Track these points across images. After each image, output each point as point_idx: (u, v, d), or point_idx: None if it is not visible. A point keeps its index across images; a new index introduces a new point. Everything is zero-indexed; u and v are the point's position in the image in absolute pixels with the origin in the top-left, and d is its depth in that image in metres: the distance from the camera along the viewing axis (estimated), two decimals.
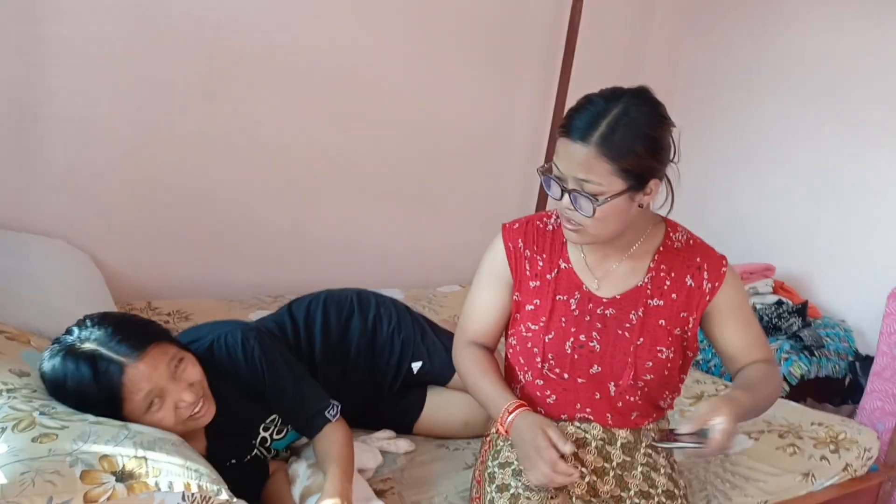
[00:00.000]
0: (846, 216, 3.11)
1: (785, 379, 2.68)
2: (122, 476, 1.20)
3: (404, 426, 1.97)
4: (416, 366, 1.97)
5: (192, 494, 1.26)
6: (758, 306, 2.94)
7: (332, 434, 1.62)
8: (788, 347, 2.73)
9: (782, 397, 2.61)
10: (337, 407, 1.66)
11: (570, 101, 3.29)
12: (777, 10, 3.36)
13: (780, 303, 2.95)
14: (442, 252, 3.17)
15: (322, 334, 1.90)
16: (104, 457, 1.21)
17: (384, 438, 1.90)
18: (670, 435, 1.39)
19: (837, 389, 2.94)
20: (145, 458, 1.25)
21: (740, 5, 3.52)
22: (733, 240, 3.47)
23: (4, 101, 2.27)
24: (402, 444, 1.89)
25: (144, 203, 2.58)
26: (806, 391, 2.83)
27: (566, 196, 1.39)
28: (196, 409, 1.48)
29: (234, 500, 1.34)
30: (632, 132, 1.33)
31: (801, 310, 2.89)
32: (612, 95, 1.37)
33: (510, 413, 1.49)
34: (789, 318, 2.83)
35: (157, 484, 1.23)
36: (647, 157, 1.35)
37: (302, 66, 2.76)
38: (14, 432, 1.21)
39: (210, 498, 1.29)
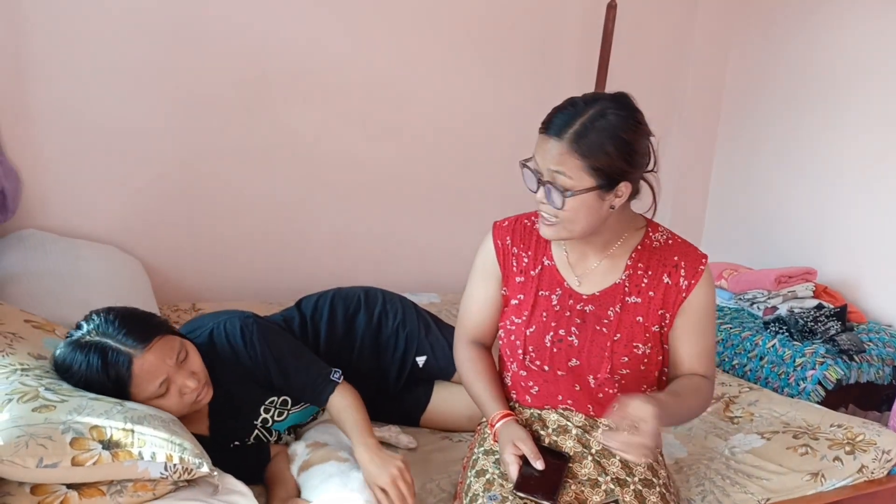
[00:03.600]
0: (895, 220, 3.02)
1: (820, 383, 2.62)
2: (109, 445, 1.33)
3: (411, 419, 2.06)
4: (420, 360, 2.05)
5: (174, 465, 1.39)
6: (795, 310, 2.88)
7: (343, 397, 1.72)
8: (824, 351, 2.67)
9: (817, 402, 2.57)
10: (339, 372, 1.76)
11: None
12: (824, 10, 3.30)
13: (819, 306, 2.89)
14: None
15: (328, 328, 2.01)
16: (94, 427, 1.35)
17: (387, 432, 1.98)
18: (529, 481, 1.47)
19: (885, 396, 2.84)
20: (132, 431, 1.38)
21: (786, 6, 3.47)
22: (780, 244, 3.42)
23: (61, 118, 2.51)
24: (404, 440, 1.97)
25: (191, 211, 2.78)
26: (847, 397, 2.75)
27: (541, 188, 1.46)
28: (198, 395, 1.62)
29: (216, 473, 1.46)
30: (604, 133, 1.39)
31: (841, 313, 2.81)
32: (591, 99, 1.44)
33: (497, 421, 1.59)
34: (826, 322, 2.76)
35: (140, 454, 1.35)
36: (618, 158, 1.40)
37: (337, 78, 2.92)
38: (18, 403, 1.36)
39: (192, 470, 1.41)
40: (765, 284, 3.03)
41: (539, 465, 1.49)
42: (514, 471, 1.49)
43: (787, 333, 2.80)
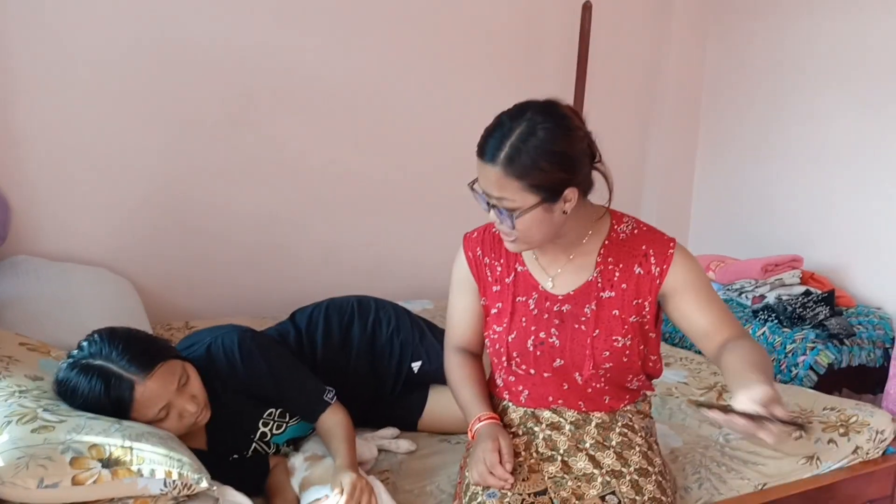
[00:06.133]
0: (880, 203, 3.06)
1: (812, 369, 2.64)
2: (109, 463, 1.35)
3: (408, 423, 2.07)
4: (415, 366, 2.07)
5: (174, 481, 1.40)
6: (784, 297, 2.91)
7: (333, 416, 1.76)
8: (814, 336, 2.70)
9: (810, 387, 2.59)
10: (332, 391, 1.80)
11: (588, 111, 3.37)
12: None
13: (807, 293, 2.92)
14: None
15: (323, 339, 2.03)
16: (93, 446, 1.36)
17: (387, 437, 2.00)
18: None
19: (879, 379, 2.87)
20: (131, 448, 1.39)
21: None
22: (766, 233, 3.46)
23: (47, 143, 2.53)
24: (404, 444, 1.98)
25: (180, 230, 2.80)
26: (840, 381, 2.78)
27: (492, 210, 1.47)
28: (197, 417, 1.64)
29: (216, 487, 1.47)
30: (535, 150, 1.38)
31: (828, 298, 2.84)
32: (518, 113, 1.42)
33: (480, 422, 1.60)
34: (815, 308, 2.79)
35: (139, 471, 1.37)
36: (554, 171, 1.40)
37: (321, 90, 2.96)
38: (17, 424, 1.37)
39: (191, 485, 1.42)
40: (752, 274, 3.06)
41: (508, 466, 1.48)
42: (495, 459, 1.48)
43: (776, 321, 2.83)
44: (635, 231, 1.60)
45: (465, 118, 3.26)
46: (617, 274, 1.57)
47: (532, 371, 1.63)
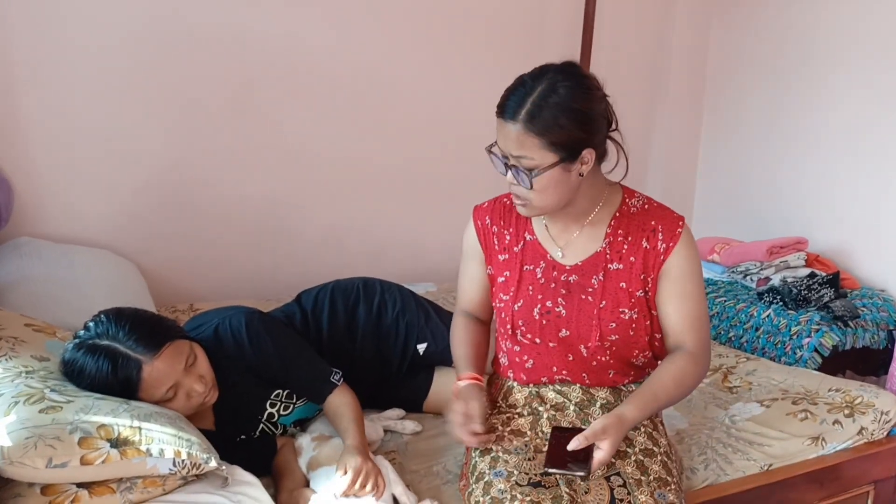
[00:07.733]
0: (884, 186, 3.03)
1: (816, 351, 2.64)
2: (117, 443, 1.35)
3: (414, 405, 2.08)
4: (421, 347, 2.07)
5: (182, 461, 1.40)
6: (788, 279, 2.91)
7: (341, 397, 1.77)
8: (819, 319, 2.69)
9: (815, 369, 2.59)
10: (339, 373, 1.81)
11: None
12: None
13: (812, 275, 2.91)
14: None
15: (329, 321, 2.03)
16: (102, 426, 1.36)
17: (393, 418, 2.01)
18: (558, 456, 1.45)
19: (882, 361, 2.87)
20: (140, 428, 1.39)
21: None
22: (770, 215, 3.45)
23: (50, 125, 2.52)
24: (409, 425, 1.99)
25: (184, 213, 2.79)
26: (844, 364, 2.77)
27: (509, 171, 1.49)
28: (204, 397, 1.64)
29: (224, 466, 1.47)
30: (556, 107, 1.40)
31: (833, 280, 2.84)
32: (539, 73, 1.45)
33: (460, 381, 1.66)
34: (820, 290, 2.78)
35: (148, 450, 1.37)
36: (574, 129, 1.42)
37: (322, 74, 2.93)
38: (25, 405, 1.37)
39: (200, 465, 1.43)
40: (757, 256, 3.05)
41: (476, 427, 1.52)
42: (458, 419, 1.54)
43: (781, 303, 2.83)
44: (646, 206, 1.62)
45: (466, 101, 3.25)
46: (625, 246, 1.59)
47: (537, 340, 1.63)
